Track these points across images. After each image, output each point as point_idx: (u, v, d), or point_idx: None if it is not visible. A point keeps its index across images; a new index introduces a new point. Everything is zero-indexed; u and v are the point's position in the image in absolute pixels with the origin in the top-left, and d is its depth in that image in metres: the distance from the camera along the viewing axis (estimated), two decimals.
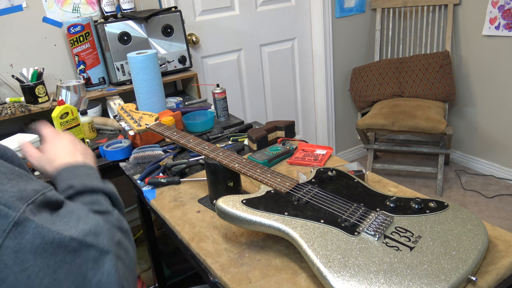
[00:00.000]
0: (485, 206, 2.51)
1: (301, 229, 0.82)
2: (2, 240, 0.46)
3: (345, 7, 2.75)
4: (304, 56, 2.83)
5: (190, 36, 2.33)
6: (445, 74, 2.61)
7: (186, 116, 1.67)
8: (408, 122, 2.43)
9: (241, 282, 0.82)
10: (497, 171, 2.77)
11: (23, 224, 0.48)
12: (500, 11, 2.42)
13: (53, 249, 0.49)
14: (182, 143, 1.16)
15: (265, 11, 2.56)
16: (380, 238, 0.80)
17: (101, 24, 1.87)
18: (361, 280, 0.71)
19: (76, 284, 0.50)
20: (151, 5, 2.15)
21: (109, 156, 1.48)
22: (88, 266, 0.51)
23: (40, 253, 0.48)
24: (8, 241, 0.47)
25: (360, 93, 2.86)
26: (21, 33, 1.87)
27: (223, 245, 0.94)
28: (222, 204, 0.89)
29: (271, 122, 1.46)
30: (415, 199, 0.89)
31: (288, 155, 1.32)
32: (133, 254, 0.61)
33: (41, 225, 0.49)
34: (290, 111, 2.91)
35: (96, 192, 0.66)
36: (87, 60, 1.91)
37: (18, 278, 0.46)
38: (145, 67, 1.60)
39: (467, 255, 0.75)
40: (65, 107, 1.48)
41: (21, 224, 0.48)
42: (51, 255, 0.49)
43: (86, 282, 0.50)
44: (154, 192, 1.21)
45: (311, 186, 0.96)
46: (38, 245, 0.48)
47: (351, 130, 3.15)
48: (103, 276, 0.51)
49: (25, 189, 0.52)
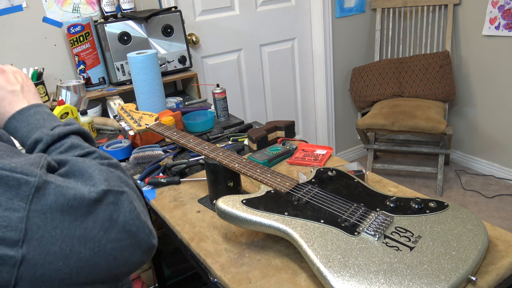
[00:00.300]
0: (485, 206, 2.51)
1: (301, 229, 0.82)
2: (28, 205, 0.49)
3: (345, 7, 2.75)
4: (304, 56, 2.83)
5: (190, 36, 2.33)
6: (445, 74, 2.61)
7: (186, 116, 1.67)
8: (408, 122, 2.43)
9: (241, 282, 0.82)
10: (497, 171, 2.77)
11: (44, 187, 0.51)
12: (500, 11, 2.42)
13: (77, 204, 0.53)
14: (182, 143, 1.16)
15: (265, 11, 2.56)
16: (380, 238, 0.80)
17: (101, 24, 1.87)
18: (361, 280, 0.71)
19: (105, 227, 0.54)
20: (151, 5, 2.15)
21: None
22: (111, 209, 0.55)
23: (67, 210, 0.52)
24: (34, 205, 0.50)
25: (360, 93, 2.86)
26: (21, 33, 1.87)
27: (223, 245, 0.94)
28: (222, 204, 0.89)
29: (271, 122, 1.46)
30: (415, 199, 0.89)
31: (288, 155, 1.32)
32: (132, 183, 0.64)
33: (60, 185, 0.52)
34: (290, 111, 2.91)
35: (67, 136, 0.66)
36: (87, 60, 1.91)
37: (52, 234, 0.50)
38: (145, 67, 1.60)
39: (467, 255, 0.75)
40: (65, 107, 1.48)
41: (42, 187, 0.51)
42: (76, 209, 0.52)
43: (113, 223, 0.55)
44: (154, 192, 1.21)
45: (311, 186, 0.96)
46: (62, 203, 0.51)
47: (351, 130, 3.15)
48: (126, 214, 0.57)
49: (30, 157, 0.55)
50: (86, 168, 0.58)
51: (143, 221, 0.58)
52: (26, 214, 0.49)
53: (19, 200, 0.49)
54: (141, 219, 0.58)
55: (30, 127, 0.67)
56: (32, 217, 0.49)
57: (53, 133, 0.65)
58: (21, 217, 0.48)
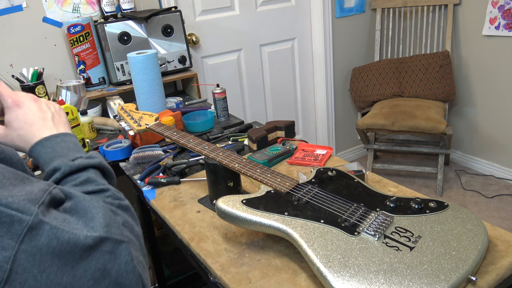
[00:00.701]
0: (485, 206, 2.51)
1: (301, 229, 0.82)
2: (18, 244, 0.46)
3: (345, 7, 2.75)
4: (304, 56, 2.83)
5: (190, 36, 2.33)
6: (445, 74, 2.61)
7: (186, 116, 1.67)
8: (408, 122, 2.43)
9: (241, 282, 0.82)
10: (497, 171, 2.77)
11: (38, 227, 0.48)
12: (500, 11, 2.42)
13: (69, 249, 0.49)
14: (182, 143, 1.16)
15: (265, 11, 2.56)
16: (380, 238, 0.80)
17: (101, 24, 1.87)
18: (361, 280, 0.71)
19: (96, 277, 0.51)
20: (151, 5, 2.15)
21: (109, 156, 1.48)
22: (106, 258, 0.52)
23: (57, 254, 0.48)
24: (24, 245, 0.47)
25: (360, 93, 2.86)
26: (21, 33, 1.87)
27: (223, 245, 0.94)
28: (222, 204, 0.89)
29: (271, 122, 1.46)
30: (415, 199, 0.89)
31: (288, 155, 1.32)
32: (138, 230, 0.61)
33: (55, 226, 0.49)
34: (290, 111, 2.91)
35: (85, 169, 0.64)
36: (87, 60, 1.91)
37: (38, 279, 0.47)
38: (145, 67, 1.60)
39: (467, 255, 0.75)
40: (65, 107, 1.48)
41: (36, 227, 0.48)
42: (68, 254, 0.49)
43: (105, 274, 0.51)
44: (154, 192, 1.21)
45: (311, 186, 0.96)
46: (54, 247, 0.48)
47: (351, 130, 3.15)
48: (121, 265, 0.53)
49: (33, 190, 0.52)
50: (90, 208, 0.55)
51: (138, 274, 0.55)
52: (14, 254, 0.46)
53: (9, 238, 0.46)
54: (136, 272, 0.55)
55: (53, 154, 0.66)
56: (20, 258, 0.46)
57: (72, 164, 0.64)
58: (8, 256, 0.46)
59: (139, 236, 0.61)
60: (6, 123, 0.68)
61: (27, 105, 0.69)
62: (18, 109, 0.68)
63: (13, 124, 0.67)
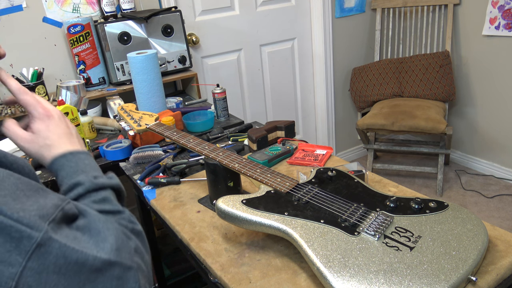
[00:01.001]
0: (485, 206, 2.51)
1: (301, 229, 0.82)
2: (26, 261, 0.46)
3: (345, 7, 2.75)
4: (304, 56, 2.83)
5: (190, 36, 2.33)
6: (445, 74, 2.61)
7: (186, 116, 1.67)
8: (408, 122, 2.43)
9: (241, 282, 0.82)
10: (497, 171, 2.77)
11: (47, 244, 0.47)
12: (500, 11, 2.42)
13: (77, 269, 0.48)
14: (182, 143, 1.16)
15: (265, 11, 2.56)
16: (380, 238, 0.80)
17: (101, 24, 1.87)
18: (361, 280, 0.71)
19: None
20: (151, 5, 2.15)
21: (109, 156, 1.48)
22: (113, 284, 0.51)
23: (64, 273, 0.48)
24: (31, 263, 0.46)
25: (360, 93, 2.86)
26: (21, 33, 1.87)
27: (223, 245, 0.94)
28: (222, 204, 0.89)
29: (271, 122, 1.46)
30: (415, 199, 0.89)
31: (288, 155, 1.32)
32: (148, 257, 0.61)
33: (65, 244, 0.48)
34: (290, 111, 2.91)
35: (105, 189, 0.65)
36: (87, 60, 1.91)
37: None
38: (145, 67, 1.60)
39: (467, 255, 0.75)
40: (65, 107, 1.48)
41: (45, 244, 0.47)
42: (75, 274, 0.48)
43: None
44: (154, 192, 1.21)
45: (311, 186, 0.96)
46: (61, 265, 0.48)
47: (351, 130, 3.15)
48: None
49: (45, 205, 0.51)
50: (103, 229, 0.55)
51: None
52: (20, 271, 0.45)
53: (17, 254, 0.46)
54: None
55: (77, 168, 0.67)
56: (26, 275, 0.46)
57: (96, 181, 0.64)
58: (15, 273, 0.45)
59: (148, 264, 0.60)
60: (34, 131, 0.69)
61: (57, 118, 0.72)
62: (48, 120, 0.70)
63: (42, 133, 0.69)
